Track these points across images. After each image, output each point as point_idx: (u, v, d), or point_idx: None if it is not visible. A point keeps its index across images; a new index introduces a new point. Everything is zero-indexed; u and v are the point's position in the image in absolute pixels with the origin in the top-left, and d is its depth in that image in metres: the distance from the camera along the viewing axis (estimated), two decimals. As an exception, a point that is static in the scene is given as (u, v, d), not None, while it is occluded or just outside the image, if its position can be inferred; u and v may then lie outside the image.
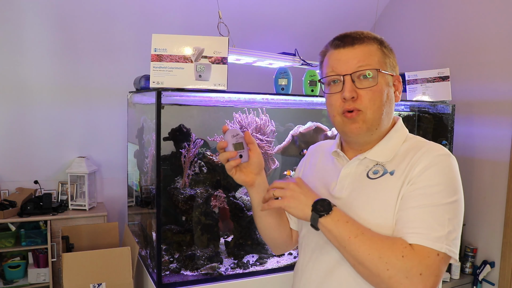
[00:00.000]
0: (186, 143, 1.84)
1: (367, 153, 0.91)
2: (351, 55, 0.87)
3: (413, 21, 3.19)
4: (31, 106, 2.74)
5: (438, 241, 0.76)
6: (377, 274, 0.76)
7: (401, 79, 0.93)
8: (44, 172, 2.84)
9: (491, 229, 2.56)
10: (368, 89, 0.86)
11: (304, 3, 3.17)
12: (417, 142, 0.90)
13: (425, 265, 0.74)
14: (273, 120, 1.97)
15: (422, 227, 0.77)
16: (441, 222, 0.77)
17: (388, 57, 0.90)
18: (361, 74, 0.86)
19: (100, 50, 2.82)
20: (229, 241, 1.90)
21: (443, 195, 0.79)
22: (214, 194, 1.89)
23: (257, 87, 2.22)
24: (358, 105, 0.86)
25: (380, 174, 0.87)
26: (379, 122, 0.88)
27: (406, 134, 0.93)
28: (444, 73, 2.29)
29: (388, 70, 0.89)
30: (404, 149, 0.89)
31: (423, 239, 0.76)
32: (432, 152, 0.84)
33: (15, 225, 2.59)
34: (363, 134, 0.89)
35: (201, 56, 1.53)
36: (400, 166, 0.86)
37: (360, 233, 0.79)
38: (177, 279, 1.62)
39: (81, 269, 1.67)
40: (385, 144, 0.90)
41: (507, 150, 2.46)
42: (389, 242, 0.78)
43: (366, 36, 0.89)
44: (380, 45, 0.89)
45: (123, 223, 2.87)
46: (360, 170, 0.91)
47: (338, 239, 0.80)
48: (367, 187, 0.88)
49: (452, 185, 0.81)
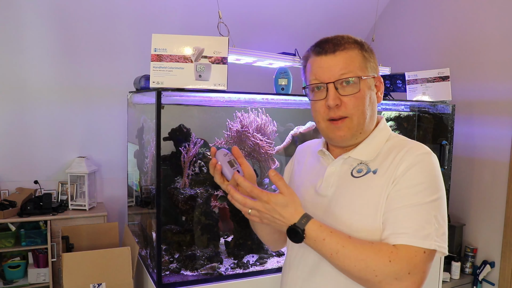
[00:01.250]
0: (186, 143, 1.84)
1: (351, 152, 0.93)
2: (333, 63, 0.88)
3: (413, 21, 3.19)
4: (31, 106, 2.74)
5: (427, 239, 0.78)
6: (366, 280, 0.78)
7: (381, 79, 0.95)
8: (44, 172, 2.84)
9: (491, 229, 2.56)
10: (351, 95, 0.88)
11: (304, 3, 3.17)
12: (400, 141, 0.92)
13: (413, 264, 0.77)
14: (274, 120, 1.97)
15: (409, 227, 0.79)
16: (427, 220, 0.79)
17: (368, 61, 0.91)
18: (344, 81, 0.87)
19: (100, 50, 2.82)
20: (229, 241, 1.90)
21: (427, 193, 0.81)
22: (214, 194, 1.89)
23: (257, 87, 2.22)
24: (343, 112, 0.88)
25: (363, 173, 0.89)
26: (363, 127, 0.91)
27: (389, 133, 0.95)
28: (444, 73, 2.29)
29: (370, 73, 0.91)
30: (386, 148, 0.91)
31: (411, 239, 0.78)
32: (413, 151, 0.86)
33: (15, 225, 2.59)
34: (348, 140, 0.92)
35: (201, 56, 1.53)
36: (383, 165, 0.87)
37: (341, 247, 0.79)
38: (177, 279, 1.62)
39: (81, 269, 1.67)
40: (368, 143, 0.92)
41: (507, 150, 2.46)
42: (373, 249, 0.78)
43: (347, 41, 0.90)
44: (361, 49, 0.90)
45: (123, 223, 2.87)
46: (344, 168, 0.93)
47: (323, 255, 0.82)
48: (352, 185, 0.89)
49: (434, 183, 0.83)
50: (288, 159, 1.19)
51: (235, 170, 0.91)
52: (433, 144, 2.39)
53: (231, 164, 0.92)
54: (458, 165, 2.70)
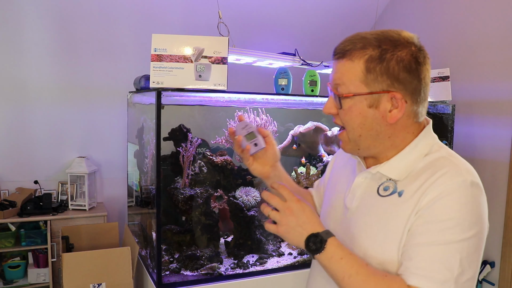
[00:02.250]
0: (183, 143, 1.84)
1: (380, 167, 0.83)
2: (335, 69, 0.82)
3: (413, 21, 3.19)
4: (31, 106, 2.74)
5: (443, 285, 0.69)
6: None
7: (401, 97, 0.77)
8: (44, 172, 2.84)
9: (491, 229, 2.54)
10: (340, 109, 0.81)
11: (304, 3, 3.16)
12: (439, 159, 0.78)
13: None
14: (274, 120, 1.97)
15: (425, 267, 0.70)
16: (449, 264, 0.69)
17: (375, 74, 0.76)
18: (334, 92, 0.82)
19: (100, 50, 2.82)
20: (229, 241, 1.90)
21: (455, 231, 0.70)
22: (214, 194, 1.89)
23: (257, 87, 2.22)
24: (339, 121, 0.84)
25: (389, 192, 0.80)
26: (359, 143, 0.82)
27: (431, 145, 0.82)
28: (444, 73, 2.29)
29: (374, 88, 0.77)
30: (421, 166, 0.78)
31: (424, 282, 0.69)
32: (448, 177, 0.73)
33: (15, 225, 2.59)
34: (348, 151, 0.87)
35: (201, 56, 1.53)
36: (411, 187, 0.77)
37: (355, 272, 0.73)
38: (177, 279, 1.62)
39: (81, 269, 1.67)
40: (400, 160, 0.81)
41: (507, 150, 2.46)
42: (385, 283, 0.72)
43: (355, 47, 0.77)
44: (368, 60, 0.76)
45: (123, 223, 2.87)
46: (372, 183, 0.85)
47: (333, 277, 0.76)
48: (375, 205, 0.82)
49: (468, 218, 0.71)
50: (288, 159, 1.19)
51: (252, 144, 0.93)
52: (433, 144, 2.39)
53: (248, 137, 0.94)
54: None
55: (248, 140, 0.93)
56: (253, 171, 0.96)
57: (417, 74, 0.77)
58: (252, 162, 0.94)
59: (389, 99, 0.77)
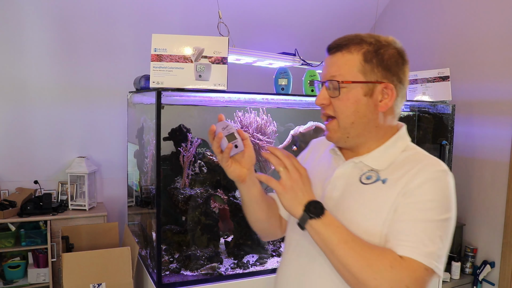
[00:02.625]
0: (183, 143, 1.84)
1: (363, 158, 0.90)
2: (329, 63, 0.89)
3: (413, 21, 3.19)
4: (31, 106, 2.74)
5: (428, 257, 0.76)
6: (363, 282, 0.76)
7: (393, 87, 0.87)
8: (44, 172, 2.84)
9: (491, 229, 2.56)
10: (336, 98, 0.87)
11: (304, 3, 3.17)
12: (416, 155, 0.89)
13: (414, 278, 0.75)
14: (274, 120, 1.97)
15: (413, 240, 0.77)
16: (432, 238, 0.78)
17: (372, 65, 0.86)
18: (330, 83, 0.88)
19: (100, 50, 2.82)
20: (229, 241, 1.90)
21: (437, 212, 0.79)
22: (214, 194, 1.89)
23: (257, 87, 2.22)
24: (330, 111, 0.89)
25: (372, 180, 0.87)
26: (350, 131, 0.88)
27: (406, 143, 0.92)
28: (444, 73, 2.29)
29: (370, 78, 0.86)
30: (401, 159, 0.88)
31: (413, 253, 0.76)
32: (430, 167, 0.83)
33: (15, 225, 2.59)
34: (335, 141, 0.92)
35: (201, 56, 1.53)
36: (394, 176, 0.85)
37: (351, 239, 0.79)
38: (177, 279, 1.62)
39: (81, 269, 1.67)
40: (383, 152, 0.90)
41: (507, 150, 2.46)
42: (378, 251, 0.78)
43: (352, 42, 0.87)
44: (367, 52, 0.86)
45: (123, 223, 2.87)
46: (354, 173, 0.91)
47: (327, 243, 0.80)
48: (359, 192, 0.88)
49: (446, 202, 0.81)
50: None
51: (233, 145, 0.92)
52: (433, 144, 2.39)
53: (230, 137, 0.93)
54: (458, 165, 2.70)
55: (229, 141, 0.92)
56: (231, 173, 0.96)
57: (403, 70, 0.89)
58: (231, 164, 0.95)
59: (381, 89, 0.87)
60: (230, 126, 0.94)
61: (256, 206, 1.02)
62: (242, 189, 1.00)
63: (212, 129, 0.94)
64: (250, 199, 1.00)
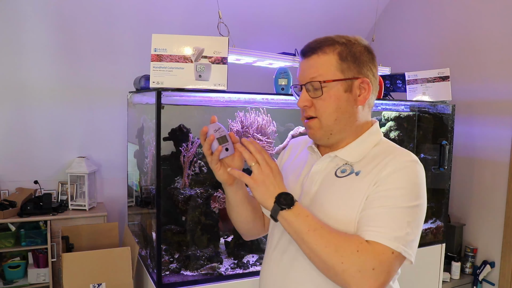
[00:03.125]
0: (184, 143, 1.84)
1: (338, 152, 0.95)
2: (306, 66, 0.93)
3: (413, 21, 3.19)
4: (31, 106, 2.74)
5: (395, 241, 0.79)
6: (332, 266, 0.79)
7: (368, 81, 0.92)
8: (44, 172, 2.84)
9: (491, 229, 2.56)
10: (318, 98, 0.91)
11: (304, 3, 3.17)
12: (388, 147, 0.94)
13: (379, 261, 0.78)
14: (273, 120, 1.97)
15: (380, 226, 0.81)
16: (399, 224, 0.81)
17: (347, 62, 0.91)
18: (310, 84, 0.91)
19: (100, 50, 2.82)
20: (229, 241, 1.90)
21: (405, 199, 0.83)
22: (214, 194, 1.89)
23: (257, 87, 2.22)
24: (312, 112, 0.93)
25: (346, 173, 0.92)
26: (333, 128, 0.92)
27: (379, 138, 0.97)
28: (444, 73, 2.28)
29: (348, 75, 0.90)
30: (373, 152, 0.93)
31: (379, 237, 0.80)
32: (400, 158, 0.88)
33: (15, 225, 2.59)
34: (318, 139, 0.96)
35: (201, 56, 1.53)
36: (366, 168, 0.89)
37: (319, 227, 0.82)
38: (177, 279, 1.62)
39: (81, 269, 1.67)
40: (356, 146, 0.94)
41: (507, 150, 2.46)
42: (345, 237, 0.82)
43: (325, 43, 0.92)
44: (340, 51, 0.91)
45: (123, 223, 2.87)
46: (330, 167, 0.95)
47: (297, 232, 0.83)
48: (334, 185, 0.92)
49: (415, 190, 0.85)
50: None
51: (224, 148, 0.93)
52: (433, 144, 2.39)
53: (220, 140, 0.94)
54: (458, 165, 2.70)
55: (220, 143, 0.93)
56: (219, 176, 0.97)
57: (374, 65, 0.95)
58: (220, 166, 0.96)
59: (358, 84, 0.92)
60: (222, 129, 0.95)
61: (242, 207, 1.04)
62: (228, 192, 1.02)
63: (204, 130, 0.95)
64: (236, 201, 1.03)
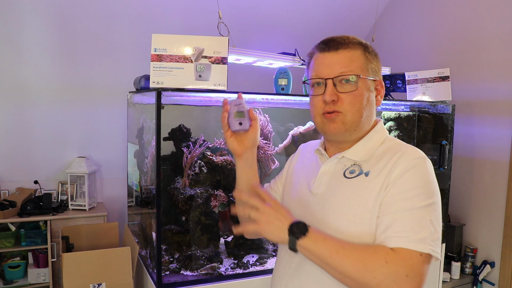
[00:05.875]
0: (190, 143, 1.84)
1: (345, 152, 0.94)
2: (335, 60, 0.91)
3: (413, 21, 3.19)
4: (31, 106, 2.74)
5: (421, 243, 0.77)
6: (366, 284, 0.77)
7: (383, 84, 0.96)
8: (44, 172, 2.84)
9: (491, 229, 2.56)
10: (349, 93, 0.89)
11: (304, 3, 3.17)
12: (394, 145, 0.92)
13: (410, 267, 0.76)
14: (274, 120, 1.97)
15: (403, 230, 0.79)
16: (422, 224, 0.79)
17: (371, 63, 0.93)
18: (342, 78, 0.89)
19: (100, 50, 2.82)
20: (229, 241, 1.90)
21: (421, 198, 0.81)
22: (214, 194, 1.89)
23: (257, 87, 2.22)
24: (338, 107, 0.90)
25: (356, 174, 0.90)
26: (358, 124, 0.91)
27: (385, 136, 0.96)
28: (444, 73, 2.28)
29: (370, 75, 0.92)
30: (380, 151, 0.92)
31: (405, 242, 0.78)
32: (408, 155, 0.86)
33: (15, 225, 2.59)
34: (341, 134, 0.93)
35: (201, 56, 1.53)
36: (375, 168, 0.88)
37: (341, 247, 0.80)
38: (177, 279, 1.62)
39: (81, 269, 1.67)
40: (363, 144, 0.93)
41: (507, 150, 2.46)
42: (370, 250, 0.79)
43: (351, 41, 0.92)
44: (364, 50, 0.92)
45: (123, 223, 2.87)
46: (338, 168, 0.94)
47: (321, 257, 0.81)
48: (343, 186, 0.90)
49: (429, 188, 0.83)
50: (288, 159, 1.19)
51: (237, 122, 0.97)
52: (433, 144, 2.39)
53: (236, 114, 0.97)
54: (458, 165, 2.70)
55: (236, 117, 0.97)
56: (229, 144, 1.01)
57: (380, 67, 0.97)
58: (231, 135, 1.00)
59: (375, 86, 0.94)
60: (243, 105, 0.98)
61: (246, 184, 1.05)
62: (237, 162, 1.05)
63: (224, 101, 0.99)
64: (242, 174, 1.05)
